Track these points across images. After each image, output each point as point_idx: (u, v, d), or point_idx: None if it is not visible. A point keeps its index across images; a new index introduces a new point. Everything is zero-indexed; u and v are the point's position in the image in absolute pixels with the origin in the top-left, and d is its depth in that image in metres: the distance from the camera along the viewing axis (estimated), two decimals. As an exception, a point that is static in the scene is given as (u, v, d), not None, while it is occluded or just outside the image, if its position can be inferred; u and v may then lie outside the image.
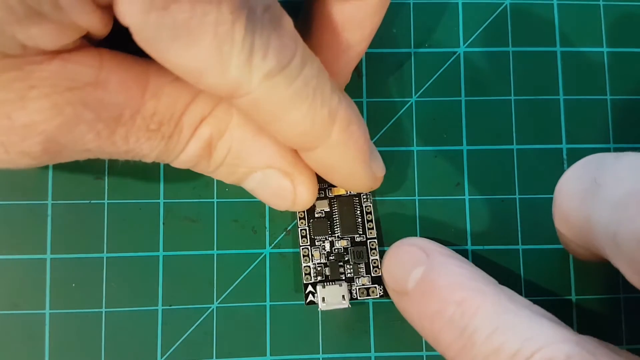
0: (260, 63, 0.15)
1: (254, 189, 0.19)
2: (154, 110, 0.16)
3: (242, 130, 0.18)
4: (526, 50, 0.23)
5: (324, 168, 0.19)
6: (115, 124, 0.16)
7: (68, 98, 0.15)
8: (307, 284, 0.20)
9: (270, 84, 0.15)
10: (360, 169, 0.19)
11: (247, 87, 0.15)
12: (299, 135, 0.17)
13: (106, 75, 0.16)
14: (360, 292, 0.21)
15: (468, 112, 0.22)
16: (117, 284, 0.21)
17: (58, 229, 0.21)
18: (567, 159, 0.22)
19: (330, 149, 0.17)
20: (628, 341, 0.21)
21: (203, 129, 0.17)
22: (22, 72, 0.14)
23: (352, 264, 0.21)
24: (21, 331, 0.20)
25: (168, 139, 0.17)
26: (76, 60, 0.15)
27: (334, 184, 0.20)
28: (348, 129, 0.17)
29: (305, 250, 0.21)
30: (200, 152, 0.18)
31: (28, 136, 0.15)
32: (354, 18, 0.18)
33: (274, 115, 0.16)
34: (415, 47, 0.23)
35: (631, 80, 0.23)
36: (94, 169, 0.21)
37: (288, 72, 0.15)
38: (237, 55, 0.14)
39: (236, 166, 0.18)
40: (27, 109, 0.15)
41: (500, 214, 0.22)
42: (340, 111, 0.17)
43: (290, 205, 0.19)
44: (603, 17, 0.23)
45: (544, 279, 0.22)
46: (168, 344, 0.20)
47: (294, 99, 0.16)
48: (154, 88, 0.16)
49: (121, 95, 0.16)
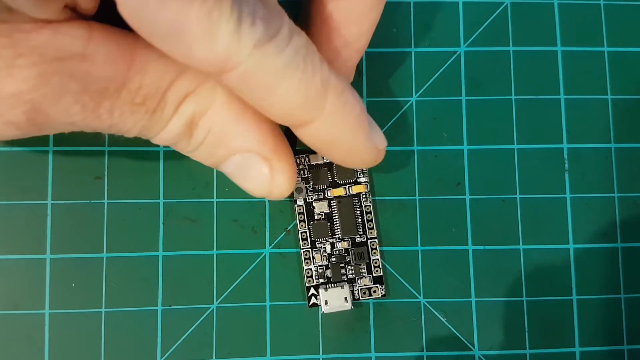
0: (249, 30, 0.14)
1: (232, 173, 0.19)
2: (139, 84, 0.16)
3: (225, 110, 0.17)
4: (527, 49, 0.23)
5: (324, 144, 0.18)
6: (100, 96, 0.16)
7: (55, 68, 0.15)
8: (310, 287, 0.20)
9: (260, 53, 0.15)
10: (360, 140, 0.18)
11: (237, 57, 0.15)
12: (293, 108, 0.16)
13: (94, 47, 0.16)
14: (362, 292, 0.21)
15: (468, 112, 0.22)
16: (117, 284, 0.21)
17: (58, 229, 0.21)
18: (568, 158, 0.22)
19: (326, 120, 0.17)
20: (628, 341, 0.21)
21: (186, 105, 0.17)
22: (10, 39, 0.14)
23: (354, 265, 0.21)
24: (21, 331, 0.20)
25: (152, 114, 0.17)
26: (65, 32, 0.15)
27: (336, 161, 0.20)
28: (342, 97, 0.17)
29: (306, 252, 0.21)
30: (182, 129, 0.17)
31: (14, 105, 0.15)
32: (350, 14, 0.18)
33: (267, 88, 0.16)
34: (415, 47, 0.23)
35: (632, 80, 0.23)
36: (94, 169, 0.21)
37: (278, 40, 0.15)
38: (225, 22, 0.14)
39: (216, 147, 0.18)
40: (13, 76, 0.15)
41: (501, 213, 0.22)
42: (331, 79, 0.17)
43: (267, 192, 0.19)
44: (604, 16, 0.23)
45: (544, 279, 0.21)
46: (168, 344, 0.20)
47: (285, 68, 0.15)
48: (141, 63, 0.16)
49: (108, 68, 0.16)
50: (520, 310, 0.21)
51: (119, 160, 0.21)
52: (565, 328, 0.21)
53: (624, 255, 0.22)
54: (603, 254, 0.22)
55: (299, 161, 0.21)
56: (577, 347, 0.21)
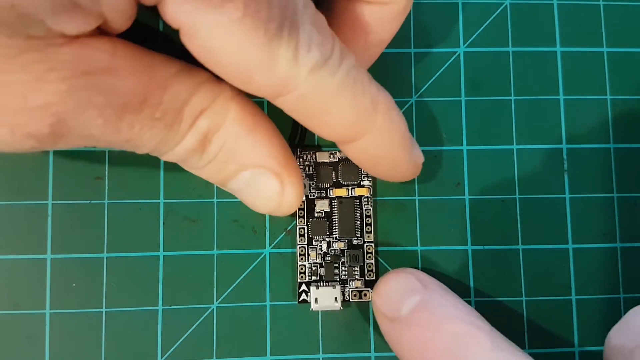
0: (305, 56, 0.15)
1: (241, 188, 0.19)
2: (159, 99, 0.16)
3: (238, 126, 0.18)
4: (526, 50, 0.23)
5: (370, 158, 0.19)
6: (123, 110, 0.16)
7: (84, 82, 0.15)
8: (302, 283, 0.21)
9: (315, 77, 0.16)
10: (404, 155, 0.19)
11: (295, 82, 0.15)
12: (345, 126, 0.17)
13: (119, 61, 0.16)
14: (353, 294, 0.21)
15: (468, 113, 0.22)
16: (117, 284, 0.21)
17: (58, 229, 0.21)
18: (567, 158, 0.22)
19: (375, 137, 0.18)
20: None
21: (201, 121, 0.17)
22: (43, 53, 0.14)
23: (347, 266, 0.21)
24: (21, 331, 0.20)
25: (169, 129, 0.17)
26: (93, 46, 0.15)
27: (379, 175, 0.20)
28: (389, 115, 0.18)
29: (302, 249, 0.21)
30: (196, 144, 0.18)
31: (39, 117, 0.15)
32: (376, 21, 0.19)
33: (321, 109, 0.16)
34: (415, 47, 0.23)
35: (631, 80, 0.23)
36: (94, 169, 0.21)
37: (331, 63, 0.16)
38: (285, 49, 0.15)
39: (227, 162, 0.18)
40: (43, 90, 0.15)
41: (500, 214, 0.22)
42: (380, 98, 0.17)
43: (276, 207, 0.19)
44: (603, 17, 0.23)
45: (544, 279, 0.22)
46: (168, 344, 0.21)
47: (338, 90, 0.16)
48: (160, 79, 0.16)
49: (131, 83, 0.16)
50: (520, 310, 0.21)
51: (119, 161, 0.21)
52: (564, 328, 0.21)
53: (623, 255, 0.22)
54: (602, 254, 0.22)
55: (305, 157, 0.21)
56: (577, 347, 0.21)
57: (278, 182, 0.18)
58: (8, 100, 0.14)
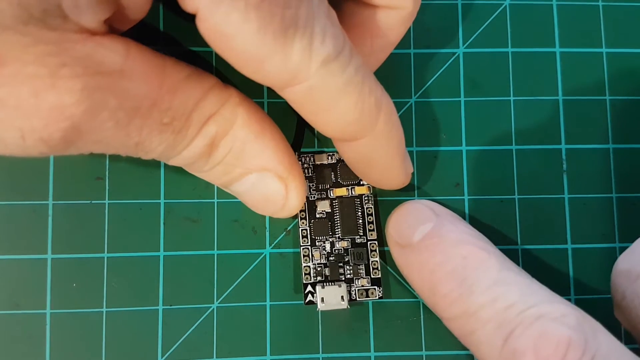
0: (319, 47, 0.15)
1: (245, 191, 0.19)
2: (169, 104, 0.16)
3: (246, 131, 0.18)
4: (525, 51, 0.23)
5: (365, 160, 0.19)
6: (134, 114, 0.16)
7: (97, 82, 0.15)
8: (307, 284, 0.21)
9: (326, 71, 0.15)
10: (398, 162, 0.19)
11: (306, 73, 0.15)
12: (348, 124, 0.17)
13: (131, 64, 0.16)
14: (360, 293, 0.21)
15: (467, 113, 0.22)
16: (118, 284, 0.21)
17: (59, 229, 0.21)
18: (566, 159, 0.22)
19: (375, 139, 0.18)
20: (627, 341, 0.21)
21: (210, 126, 0.17)
22: (57, 47, 0.14)
23: (352, 265, 0.21)
24: (22, 331, 0.20)
25: (177, 134, 0.17)
26: (107, 46, 0.15)
27: (369, 179, 0.20)
28: (391, 119, 0.18)
29: (305, 250, 0.21)
30: (203, 149, 0.18)
31: (54, 120, 0.15)
32: (382, 25, 0.19)
33: (326, 104, 0.16)
34: (414, 48, 0.23)
35: (630, 81, 0.23)
36: (95, 170, 0.21)
37: (342, 58, 0.16)
38: (300, 38, 0.15)
39: (233, 166, 0.18)
40: (57, 88, 0.14)
41: (500, 214, 0.22)
42: (384, 100, 0.17)
43: (279, 210, 0.19)
44: (602, 18, 0.23)
45: (543, 279, 0.21)
46: (168, 344, 0.21)
47: (346, 86, 0.16)
48: (170, 83, 0.16)
49: (143, 86, 0.16)
50: (519, 310, 0.21)
51: (119, 161, 0.21)
52: (563, 328, 0.21)
53: (622, 256, 0.22)
54: (601, 254, 0.22)
55: (304, 160, 0.21)
56: (576, 346, 0.21)
57: (283, 185, 0.19)
58: (21, 97, 0.14)
